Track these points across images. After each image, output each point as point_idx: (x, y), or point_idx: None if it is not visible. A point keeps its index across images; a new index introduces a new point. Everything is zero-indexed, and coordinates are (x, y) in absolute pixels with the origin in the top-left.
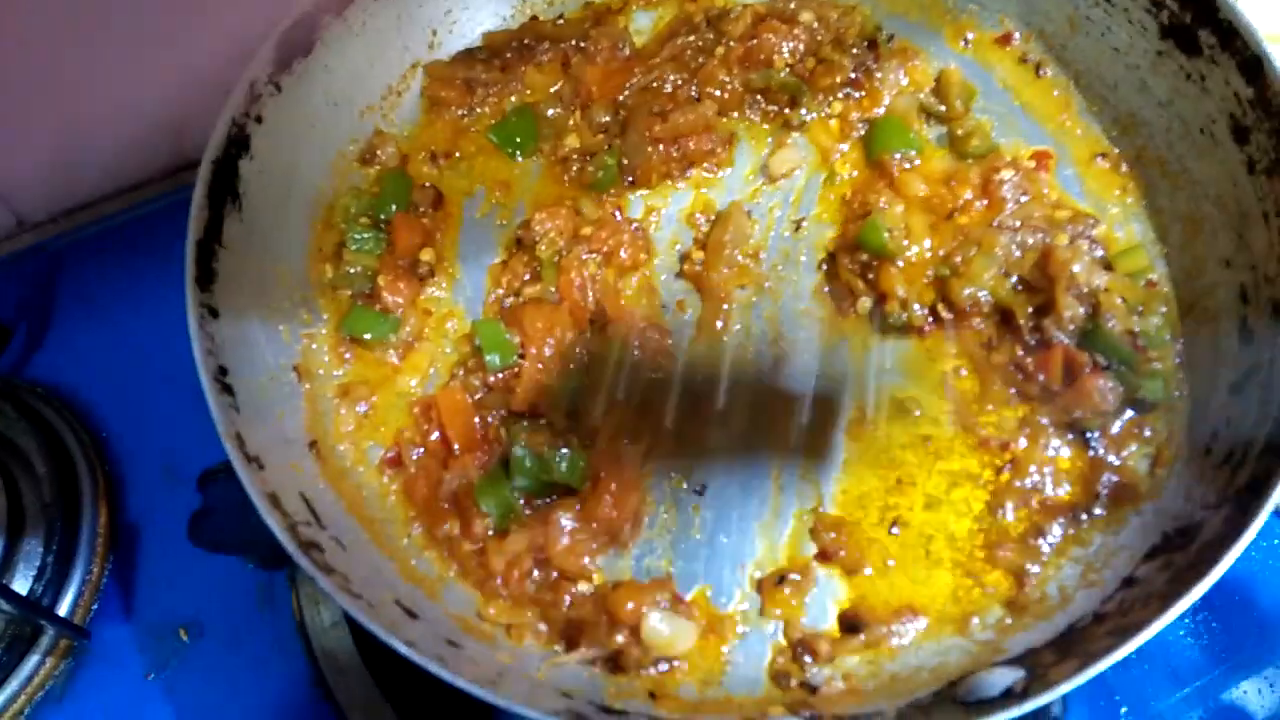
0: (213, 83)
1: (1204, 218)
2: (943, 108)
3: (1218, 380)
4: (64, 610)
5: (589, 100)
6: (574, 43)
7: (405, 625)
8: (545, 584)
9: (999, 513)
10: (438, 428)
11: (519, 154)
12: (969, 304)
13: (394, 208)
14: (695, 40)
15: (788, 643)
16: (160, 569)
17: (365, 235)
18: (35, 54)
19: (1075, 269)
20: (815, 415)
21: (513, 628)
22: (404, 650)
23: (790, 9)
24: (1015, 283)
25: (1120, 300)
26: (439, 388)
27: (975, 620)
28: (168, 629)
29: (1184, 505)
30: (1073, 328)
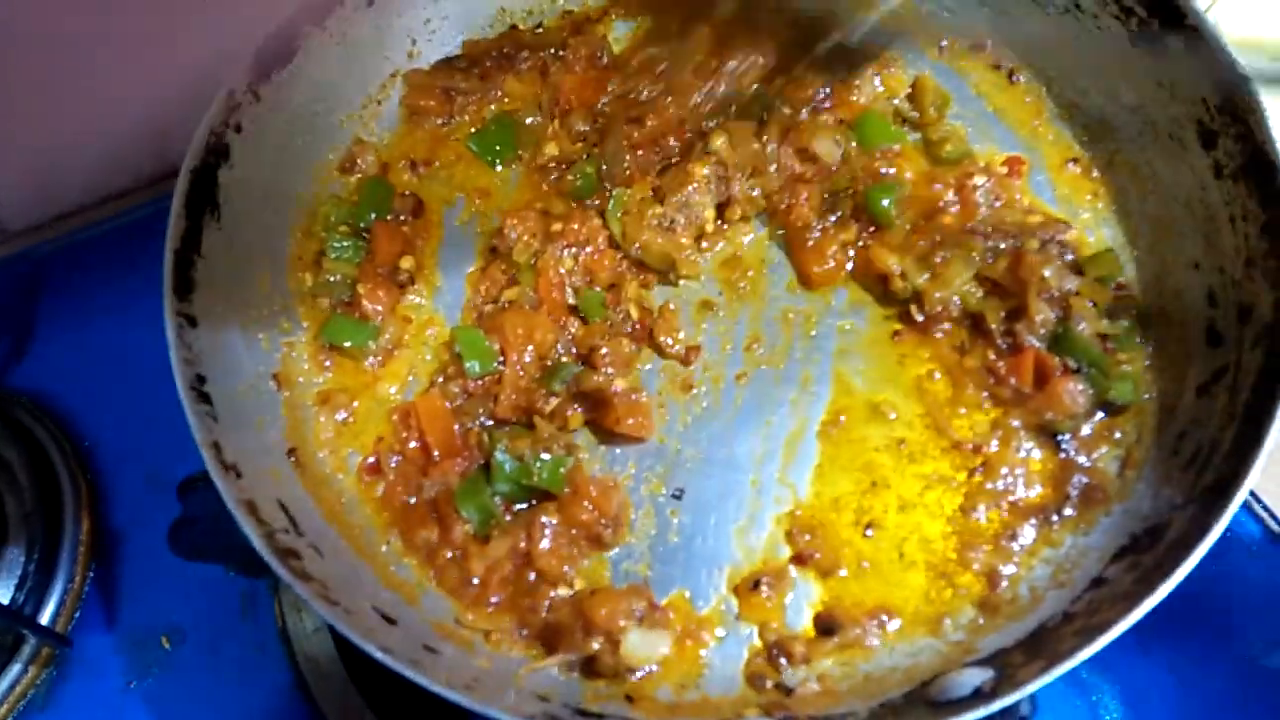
0: (196, 91)
1: (1173, 221)
2: (917, 114)
3: (1185, 382)
4: (46, 619)
5: (567, 109)
6: (553, 51)
7: (383, 631)
8: (523, 590)
9: (972, 514)
10: (417, 435)
11: (498, 162)
12: (941, 307)
13: (374, 216)
14: (665, 51)
15: (763, 645)
16: (142, 577)
17: (345, 243)
18: (16, 62)
19: (1046, 273)
20: (791, 417)
21: (491, 633)
22: (380, 656)
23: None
24: (987, 287)
25: (1090, 304)
26: (418, 394)
27: (948, 621)
28: (150, 637)
29: (1152, 506)
30: (1044, 331)
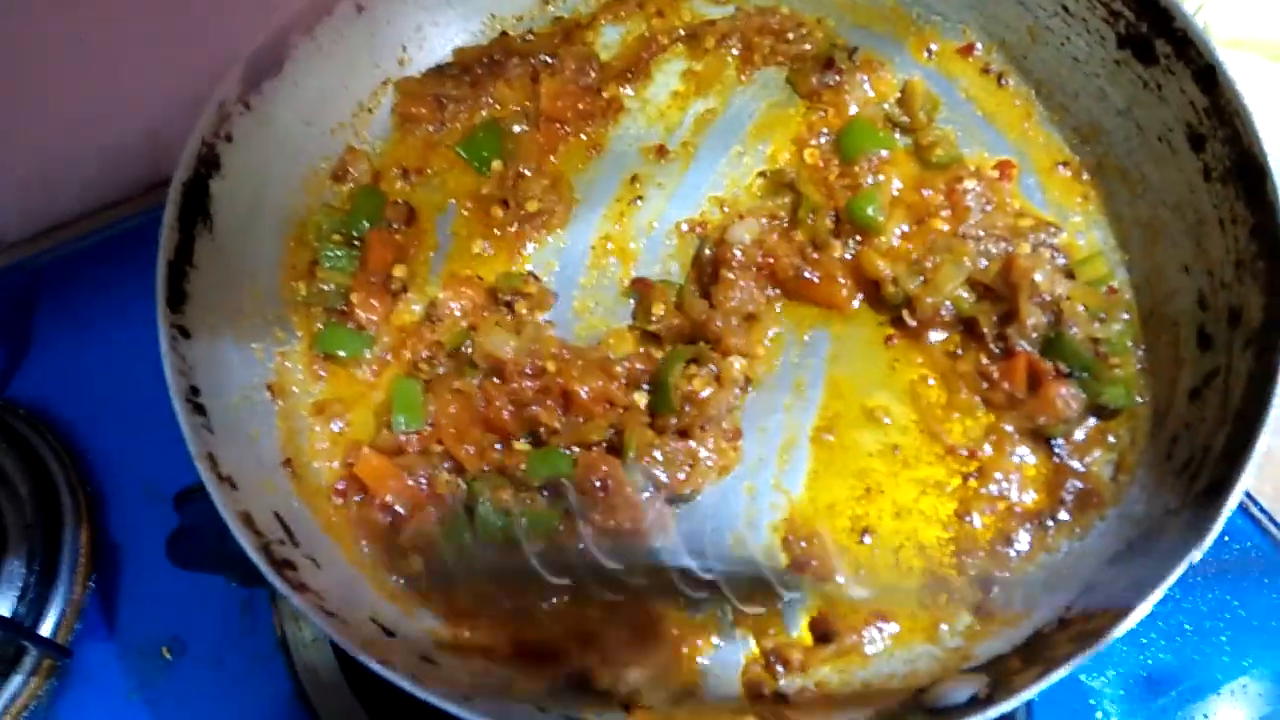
0: (191, 100)
1: (1163, 225)
2: (906, 118)
3: (1177, 386)
4: (46, 630)
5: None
6: (543, 58)
7: (381, 642)
8: (515, 606)
9: (967, 520)
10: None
11: (485, 168)
12: (933, 312)
13: (366, 224)
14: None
15: (760, 653)
16: (142, 587)
17: (338, 252)
18: (10, 73)
19: (1037, 277)
20: (785, 424)
21: (487, 648)
22: (377, 667)
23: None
24: (979, 291)
25: (1082, 308)
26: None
27: (944, 627)
28: (150, 647)
29: (1146, 510)
30: (1036, 336)
